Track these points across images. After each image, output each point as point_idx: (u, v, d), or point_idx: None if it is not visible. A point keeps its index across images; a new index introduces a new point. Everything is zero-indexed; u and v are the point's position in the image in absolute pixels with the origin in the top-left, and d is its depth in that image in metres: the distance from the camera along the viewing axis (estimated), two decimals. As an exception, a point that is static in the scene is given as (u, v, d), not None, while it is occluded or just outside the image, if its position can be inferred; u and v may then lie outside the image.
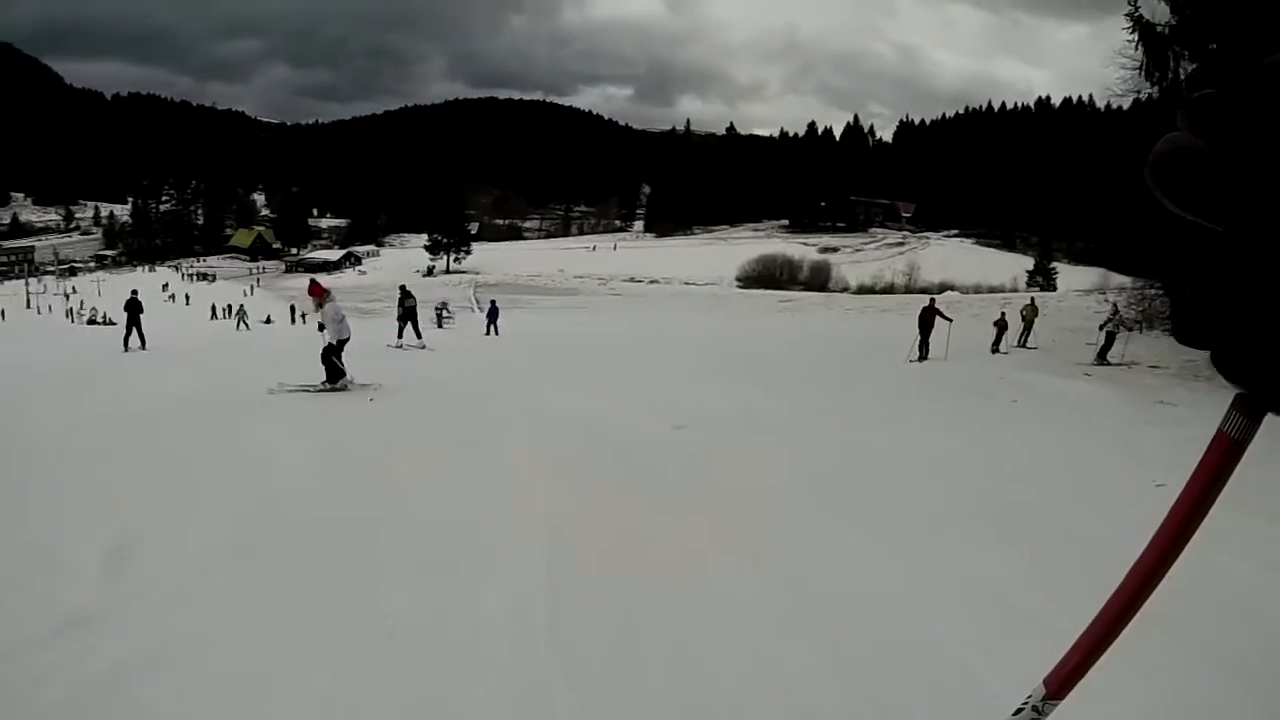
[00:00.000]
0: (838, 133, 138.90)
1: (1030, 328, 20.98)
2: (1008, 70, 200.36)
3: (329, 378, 10.65)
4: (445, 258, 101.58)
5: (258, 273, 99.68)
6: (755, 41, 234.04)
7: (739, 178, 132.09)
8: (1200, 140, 0.36)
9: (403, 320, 18.76)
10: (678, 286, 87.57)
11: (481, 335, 25.45)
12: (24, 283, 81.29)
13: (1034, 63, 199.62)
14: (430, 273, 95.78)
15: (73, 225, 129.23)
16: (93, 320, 43.73)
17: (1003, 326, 20.28)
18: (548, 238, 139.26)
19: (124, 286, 20.05)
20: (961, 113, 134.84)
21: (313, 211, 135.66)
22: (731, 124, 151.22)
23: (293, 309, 44.49)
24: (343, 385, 10.64)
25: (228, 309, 46.10)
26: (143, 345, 17.15)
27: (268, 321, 41.33)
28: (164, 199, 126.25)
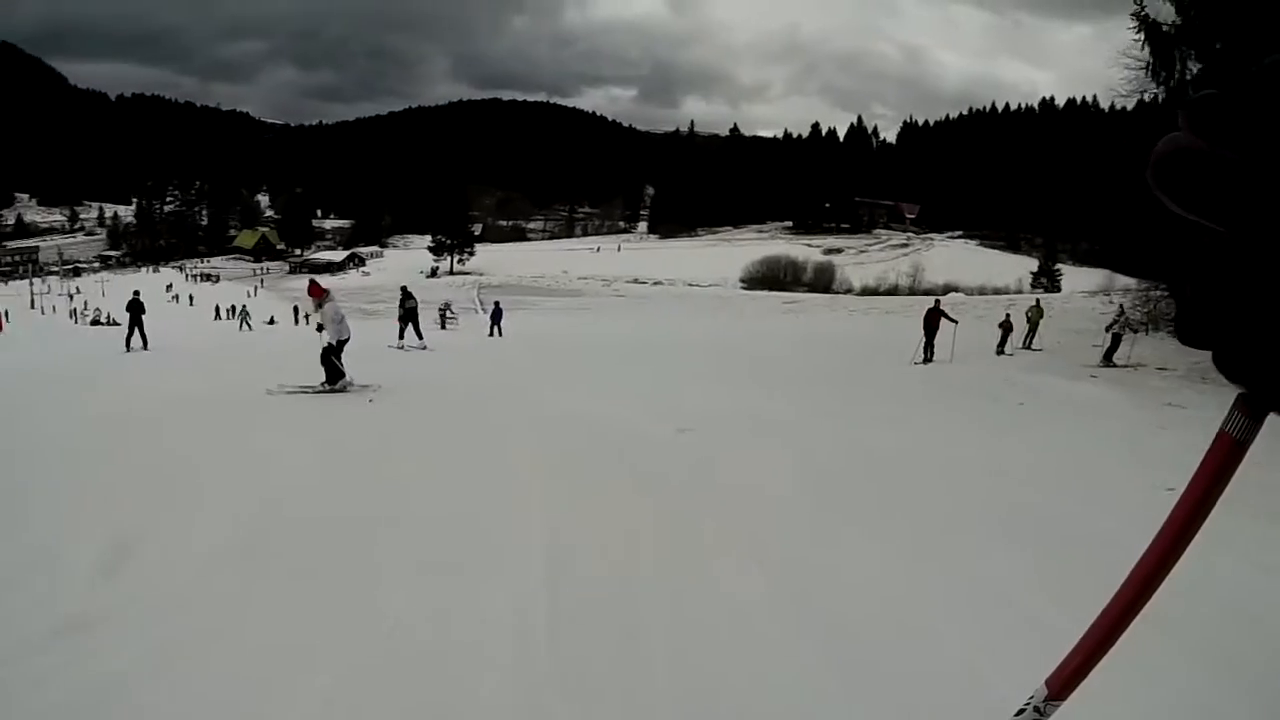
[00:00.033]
0: (841, 134, 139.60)
1: (1035, 329, 20.96)
2: (1012, 71, 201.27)
3: (328, 379, 10.59)
4: (449, 259, 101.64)
5: (262, 274, 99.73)
6: (758, 42, 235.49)
7: (743, 179, 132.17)
8: (1201, 140, 0.36)
9: (403, 321, 18.88)
10: (681, 288, 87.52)
11: (485, 336, 25.44)
12: (28, 283, 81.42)
13: (1038, 64, 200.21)
14: (434, 274, 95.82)
15: (77, 226, 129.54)
16: (96, 321, 43.75)
17: (1008, 328, 20.27)
18: (551, 239, 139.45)
19: (128, 287, 20.01)
20: (965, 114, 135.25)
21: (317, 212, 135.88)
22: (735, 125, 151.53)
23: (296, 310, 44.44)
24: (342, 386, 10.58)
25: (231, 310, 46.25)
26: (145, 346, 17.15)
27: (271, 322, 41.36)
28: (168, 200, 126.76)
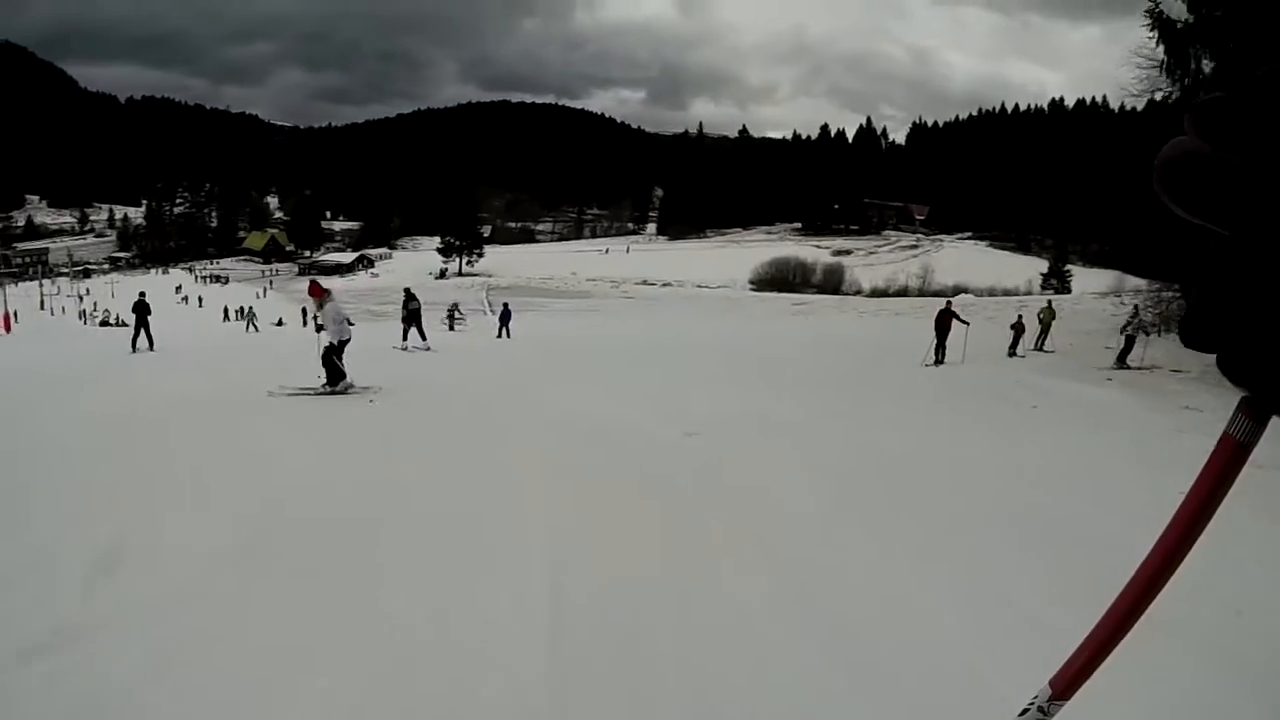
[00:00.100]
0: (850, 135, 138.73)
1: (1047, 331, 20.79)
2: (1021, 72, 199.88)
3: (329, 380, 10.51)
4: (458, 260, 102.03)
5: (271, 275, 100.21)
6: (766, 44, 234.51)
7: (751, 180, 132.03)
8: (1206, 144, 0.36)
9: (407, 322, 19.02)
10: (690, 289, 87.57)
11: (493, 338, 25.41)
12: (38, 284, 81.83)
13: (1047, 64, 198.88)
14: (443, 275, 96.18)
15: (87, 227, 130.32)
16: (105, 322, 44.01)
17: (1020, 329, 20.12)
18: (560, 240, 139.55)
19: (137, 288, 20.03)
20: (975, 114, 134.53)
21: (326, 214, 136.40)
22: (744, 126, 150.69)
23: (304, 311, 44.45)
24: (343, 388, 10.49)
25: (240, 311, 46.31)
26: (151, 346, 17.18)
27: (279, 324, 41.38)
28: (178, 201, 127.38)
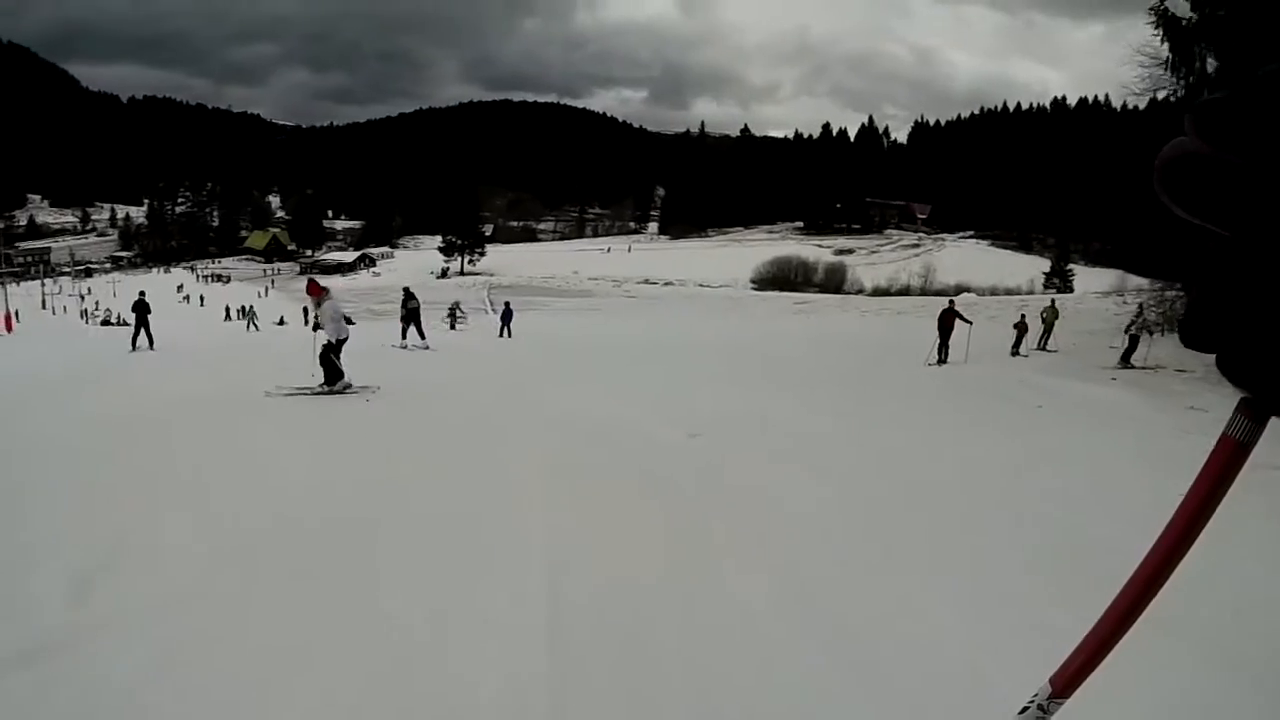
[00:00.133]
0: (852, 134, 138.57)
1: (1050, 330, 20.74)
2: (1023, 71, 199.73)
3: (327, 379, 10.43)
4: (459, 259, 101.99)
5: (273, 274, 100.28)
6: (769, 43, 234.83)
7: (753, 179, 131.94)
8: (1206, 145, 0.36)
9: (405, 321, 19.19)
10: (692, 288, 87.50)
11: (495, 337, 25.40)
12: (40, 284, 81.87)
13: (1050, 63, 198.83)
14: (444, 274, 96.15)
15: (89, 227, 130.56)
16: (107, 321, 43.99)
17: (1023, 329, 20.07)
18: (562, 240, 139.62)
19: (138, 288, 20.02)
20: (977, 113, 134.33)
21: (327, 213, 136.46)
22: (746, 126, 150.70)
23: (305, 311, 44.43)
24: (341, 387, 10.41)
25: (241, 310, 46.26)
26: (150, 345, 17.16)
27: (280, 323, 41.29)
28: (180, 201, 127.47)
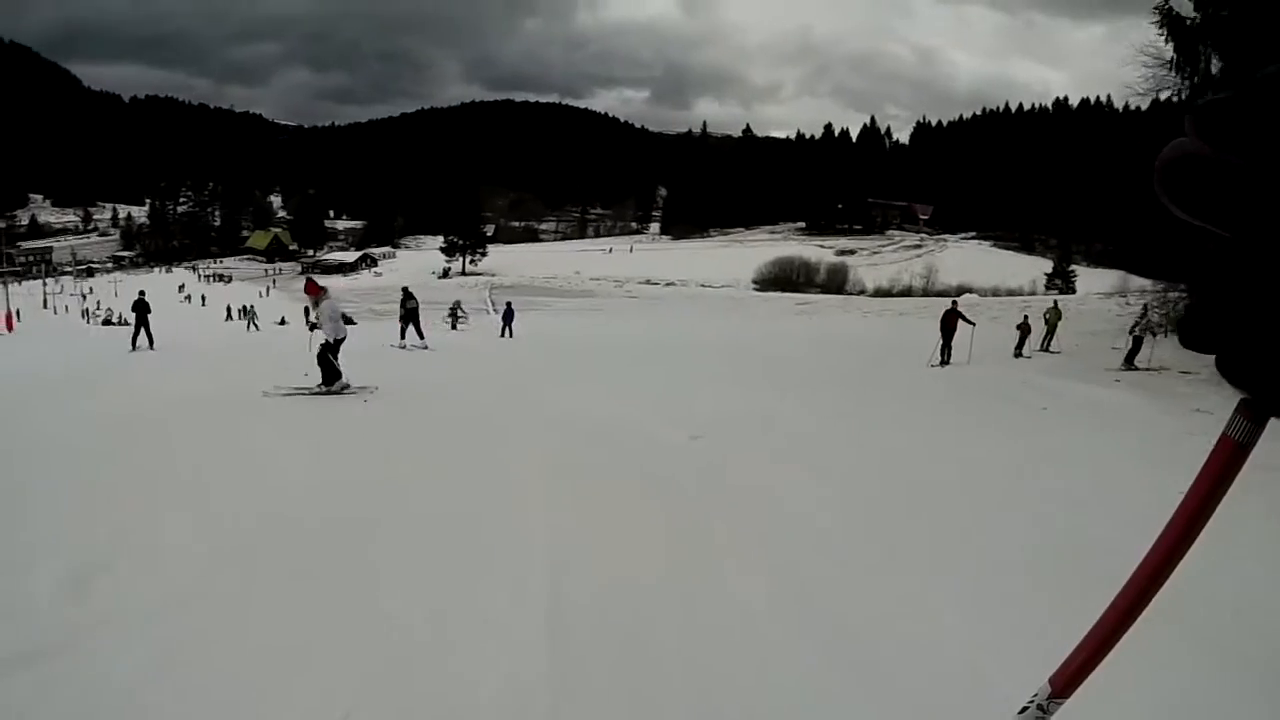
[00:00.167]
0: (854, 134, 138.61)
1: (1053, 331, 20.68)
2: (1025, 71, 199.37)
3: (325, 379, 10.38)
4: (461, 259, 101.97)
5: (274, 274, 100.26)
6: (771, 44, 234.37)
7: (755, 180, 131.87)
8: (1206, 145, 0.36)
9: (404, 321, 19.23)
10: (694, 289, 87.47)
11: (496, 337, 25.35)
12: (41, 283, 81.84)
13: (1051, 64, 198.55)
14: (446, 274, 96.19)
15: (91, 226, 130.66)
16: (108, 321, 43.97)
17: (1025, 330, 20.01)
18: (564, 240, 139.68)
19: (140, 287, 20.01)
20: (979, 114, 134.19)
21: (329, 213, 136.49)
22: (748, 126, 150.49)
23: (307, 311, 44.41)
24: (339, 387, 10.36)
25: (243, 310, 46.21)
26: (150, 345, 17.16)
27: (282, 323, 41.24)
28: (181, 201, 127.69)
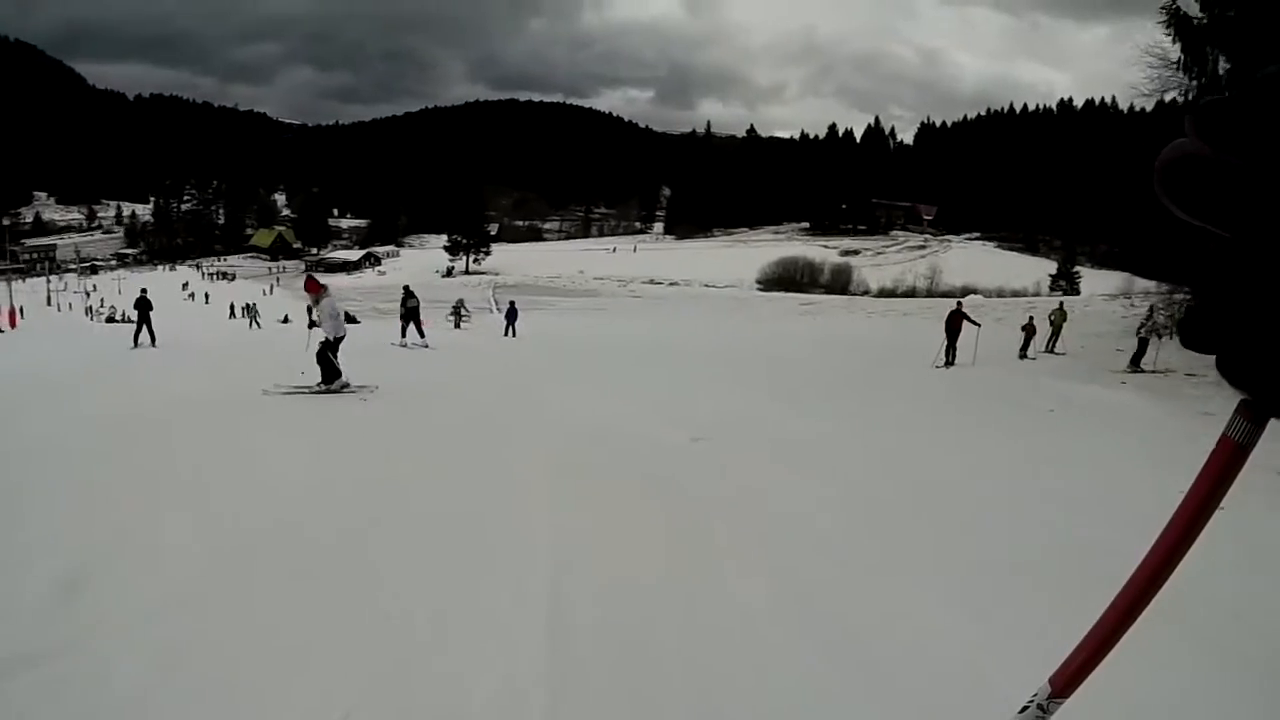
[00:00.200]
0: (858, 135, 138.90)
1: (1059, 333, 20.62)
2: (1029, 72, 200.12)
3: (325, 378, 10.32)
4: (465, 259, 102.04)
5: (278, 272, 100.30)
6: (775, 44, 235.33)
7: (759, 180, 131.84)
8: (1206, 146, 0.36)
9: (405, 320, 19.29)
10: (697, 289, 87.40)
11: (499, 336, 25.33)
12: (45, 280, 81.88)
13: (1055, 65, 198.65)
14: (449, 273, 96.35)
15: (95, 224, 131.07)
16: (111, 318, 43.93)
17: (1031, 331, 19.95)
18: (567, 239, 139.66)
19: (143, 285, 20.01)
20: (983, 115, 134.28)
21: (333, 212, 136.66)
22: (752, 126, 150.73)
23: (309, 309, 44.35)
24: (339, 386, 10.31)
25: (246, 308, 46.21)
26: (153, 342, 17.09)
27: (285, 321, 41.23)
28: (185, 199, 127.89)
